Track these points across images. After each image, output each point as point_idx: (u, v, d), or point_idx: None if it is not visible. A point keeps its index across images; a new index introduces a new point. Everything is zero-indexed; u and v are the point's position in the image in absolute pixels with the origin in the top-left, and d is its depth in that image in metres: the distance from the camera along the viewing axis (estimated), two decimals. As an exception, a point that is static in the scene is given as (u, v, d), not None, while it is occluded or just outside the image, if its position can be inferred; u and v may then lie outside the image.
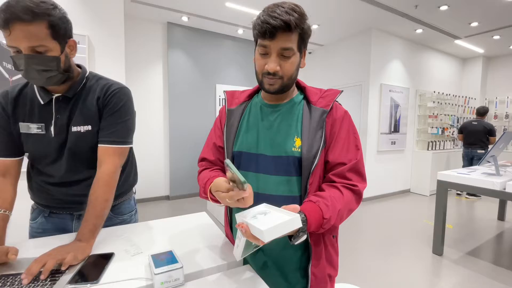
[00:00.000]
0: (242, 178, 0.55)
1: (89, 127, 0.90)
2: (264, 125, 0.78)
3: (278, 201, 0.71)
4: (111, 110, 0.91)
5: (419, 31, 4.33)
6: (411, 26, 4.17)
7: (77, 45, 0.88)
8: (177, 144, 4.31)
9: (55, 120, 0.88)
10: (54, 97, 0.88)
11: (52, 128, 0.88)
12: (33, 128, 0.87)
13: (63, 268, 0.67)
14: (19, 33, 0.70)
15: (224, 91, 0.93)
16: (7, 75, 2.18)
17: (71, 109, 0.89)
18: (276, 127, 0.76)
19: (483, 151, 4.36)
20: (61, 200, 0.96)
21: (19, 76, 2.21)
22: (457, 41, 4.83)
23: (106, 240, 0.86)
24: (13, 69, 2.20)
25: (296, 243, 0.59)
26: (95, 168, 0.89)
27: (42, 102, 0.87)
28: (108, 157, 0.89)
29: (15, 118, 0.87)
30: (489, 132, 4.36)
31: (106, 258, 0.74)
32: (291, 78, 0.72)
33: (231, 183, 0.61)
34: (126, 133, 0.94)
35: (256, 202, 0.72)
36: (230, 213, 0.86)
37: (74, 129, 0.88)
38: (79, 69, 0.94)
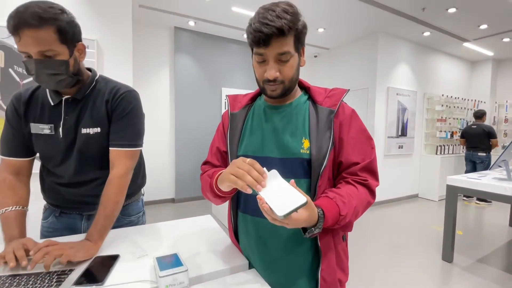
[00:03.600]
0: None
1: (98, 129, 0.91)
2: (269, 127, 0.77)
3: None
4: (120, 114, 0.92)
5: (427, 34, 4.29)
6: (418, 29, 4.13)
7: (86, 50, 0.89)
8: (183, 147, 4.34)
9: (63, 121, 0.89)
10: (63, 98, 0.89)
11: (60, 129, 0.89)
12: (43, 129, 0.89)
13: (61, 263, 0.69)
14: (28, 39, 0.72)
15: (226, 95, 0.92)
16: (18, 79, 2.23)
17: (80, 111, 0.91)
18: (281, 129, 0.75)
19: (483, 154, 4.35)
20: (71, 200, 0.97)
21: (30, 79, 2.25)
22: (466, 44, 4.76)
23: (112, 242, 0.86)
24: (24, 72, 2.25)
25: (308, 236, 0.60)
26: (104, 169, 0.91)
27: (52, 103, 0.89)
28: (119, 160, 0.90)
29: (26, 119, 0.89)
30: (489, 134, 4.31)
31: (111, 260, 0.74)
32: (292, 81, 0.72)
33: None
34: (136, 136, 0.95)
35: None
36: (235, 220, 0.85)
37: (83, 131, 0.90)
38: (89, 72, 0.95)
